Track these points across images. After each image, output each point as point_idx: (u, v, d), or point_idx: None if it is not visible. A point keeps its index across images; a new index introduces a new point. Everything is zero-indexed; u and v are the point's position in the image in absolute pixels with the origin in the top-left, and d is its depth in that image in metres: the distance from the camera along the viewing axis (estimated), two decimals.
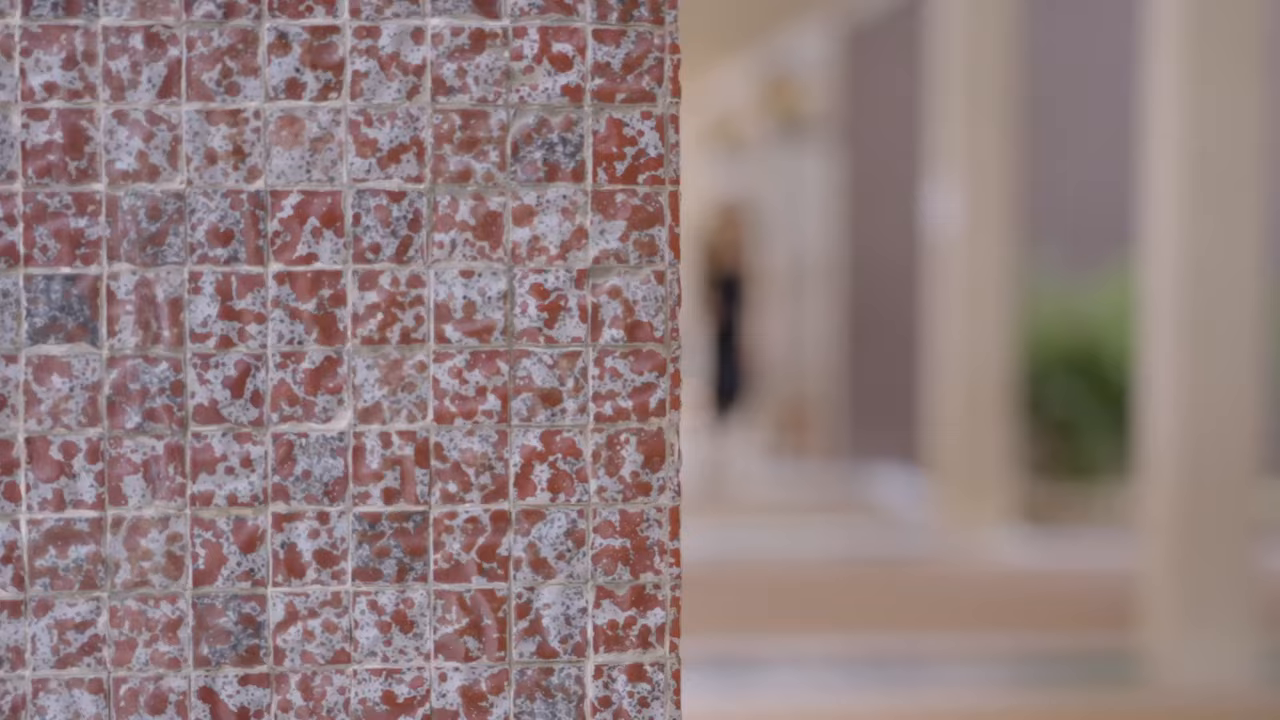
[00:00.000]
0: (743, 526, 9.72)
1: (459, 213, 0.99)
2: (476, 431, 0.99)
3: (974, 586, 8.05)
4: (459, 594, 0.99)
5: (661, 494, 1.00)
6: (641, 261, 0.99)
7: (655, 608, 1.00)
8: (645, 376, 1.00)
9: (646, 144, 1.00)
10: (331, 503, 0.99)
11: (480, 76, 0.99)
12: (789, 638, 6.99)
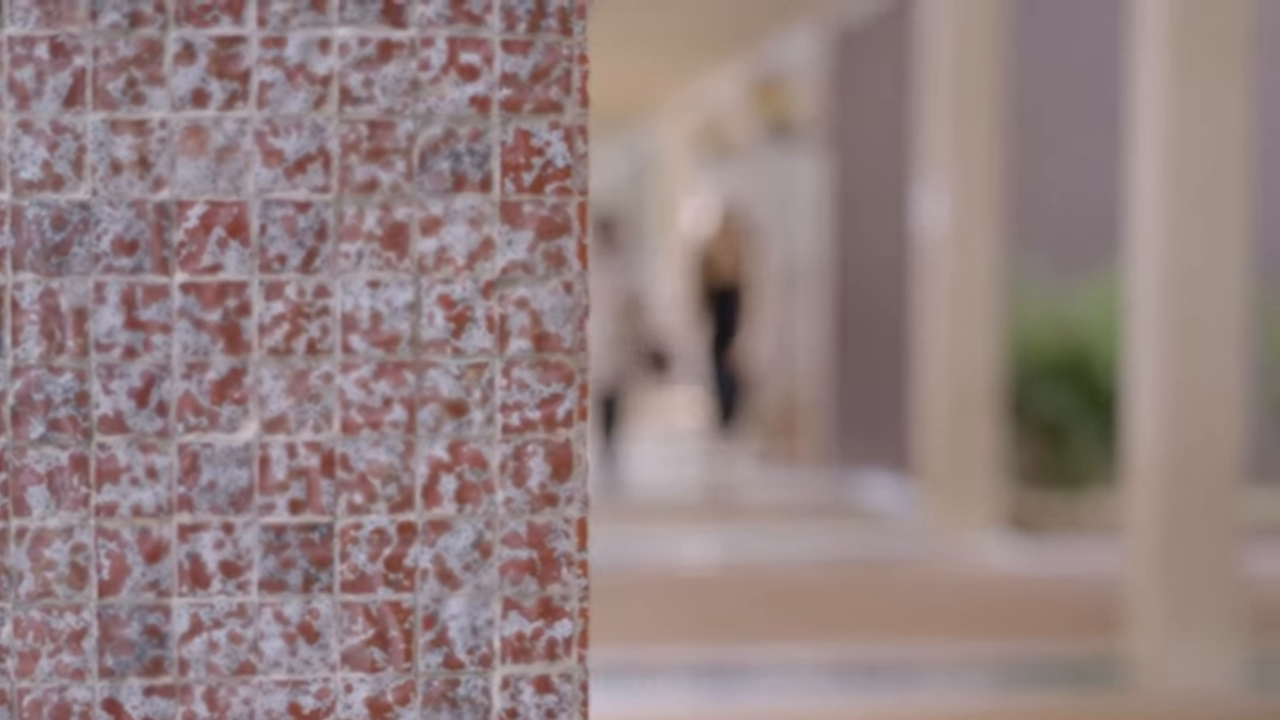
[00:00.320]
0: (731, 533, 9.72)
1: (365, 223, 0.98)
2: (383, 442, 0.99)
3: (960, 592, 8.04)
4: (365, 605, 0.99)
5: (569, 505, 1.00)
6: (549, 272, 0.99)
7: (563, 619, 1.00)
8: (553, 387, 0.99)
9: (554, 154, 0.99)
10: (237, 513, 0.99)
11: (387, 87, 0.98)
12: (777, 643, 6.99)
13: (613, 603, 7.74)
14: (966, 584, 8.14)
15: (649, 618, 7.43)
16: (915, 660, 6.76)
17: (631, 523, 9.85)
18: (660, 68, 14.22)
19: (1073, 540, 9.46)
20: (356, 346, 0.98)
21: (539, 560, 0.99)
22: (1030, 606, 7.66)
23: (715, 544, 9.20)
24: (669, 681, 6.43)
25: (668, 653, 6.80)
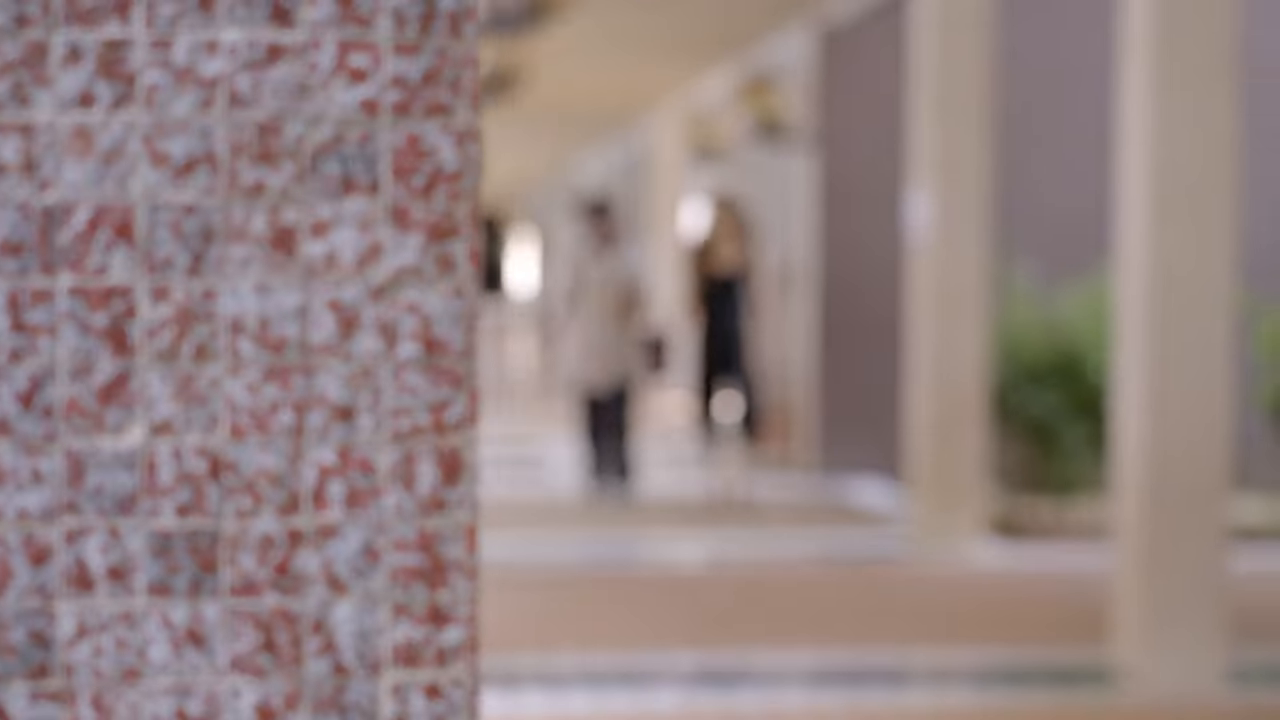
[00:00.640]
0: (720, 536, 9.70)
1: (253, 226, 0.98)
2: (270, 447, 0.98)
3: (948, 595, 8.04)
4: (253, 611, 0.98)
5: (459, 510, 0.99)
6: (439, 276, 0.99)
7: (452, 625, 0.99)
8: (442, 392, 0.99)
9: (444, 158, 0.99)
10: (123, 518, 0.98)
11: (275, 89, 0.98)
12: (764, 644, 6.98)
13: (606, 604, 7.73)
14: (954, 587, 8.13)
15: (640, 619, 7.42)
16: (901, 662, 6.75)
17: (626, 525, 9.84)
18: (653, 67, 14.22)
19: (1061, 544, 9.45)
20: (244, 350, 0.97)
21: (428, 566, 0.99)
22: (1017, 610, 7.65)
23: (704, 547, 9.19)
24: (656, 682, 6.42)
25: (657, 653, 6.80)
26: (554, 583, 8.31)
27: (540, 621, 7.43)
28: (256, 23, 0.97)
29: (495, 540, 9.38)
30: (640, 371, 11.26)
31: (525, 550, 9.14)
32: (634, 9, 11.08)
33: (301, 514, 0.98)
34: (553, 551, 9.12)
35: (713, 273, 11.08)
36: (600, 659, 6.78)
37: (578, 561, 8.87)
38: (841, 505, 10.79)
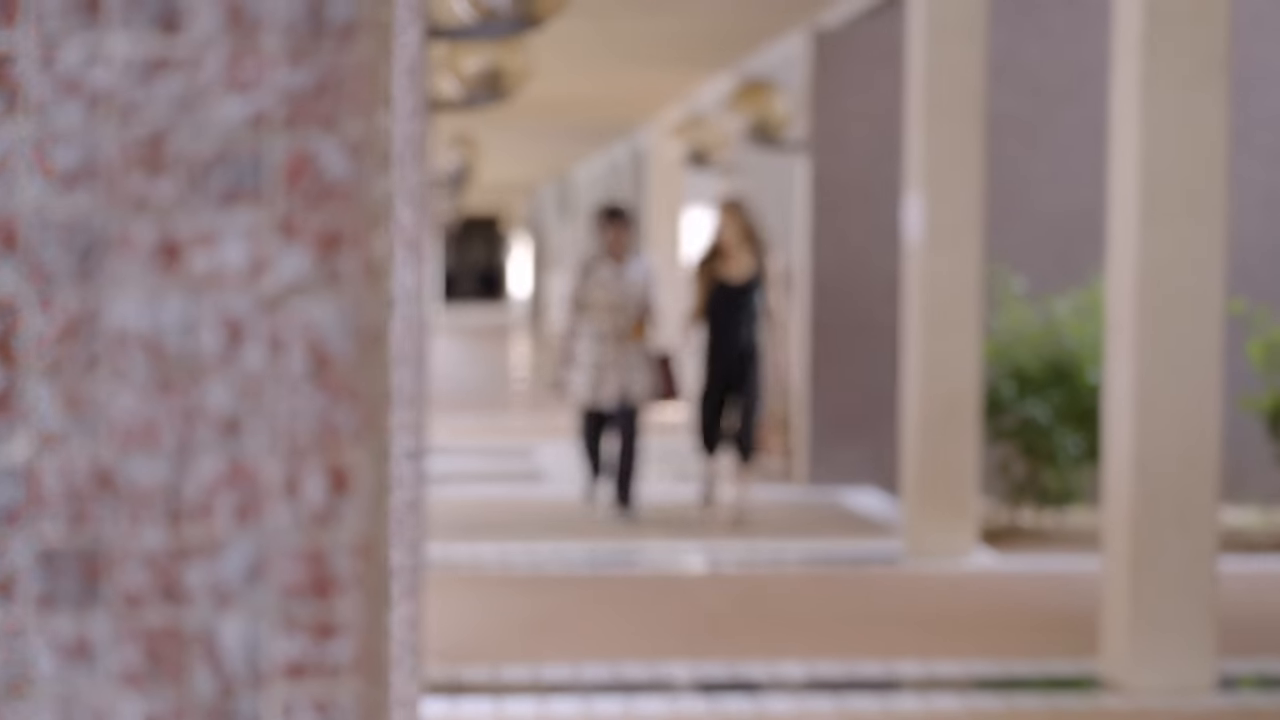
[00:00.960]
0: (710, 545, 9.68)
1: (141, 238, 0.97)
2: (157, 460, 0.97)
3: (939, 603, 8.02)
4: (139, 624, 0.98)
5: (349, 523, 0.99)
6: (330, 288, 0.98)
7: (342, 639, 0.99)
8: (332, 405, 0.98)
9: (335, 169, 0.98)
10: (9, 530, 0.98)
11: (163, 101, 0.97)
12: (756, 651, 6.97)
13: (597, 610, 7.72)
14: (946, 595, 8.12)
15: (631, 625, 7.41)
16: (891, 669, 6.74)
17: (622, 533, 9.82)
18: (650, 72, 14.22)
19: (1054, 552, 9.43)
20: (131, 363, 0.97)
21: (316, 580, 0.98)
22: (1009, 618, 7.64)
23: (695, 555, 9.18)
24: (646, 689, 6.41)
25: (647, 661, 6.79)
26: (545, 588, 8.31)
27: (530, 627, 7.42)
28: (144, 35, 0.97)
29: (488, 545, 9.37)
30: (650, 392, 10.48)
31: (517, 556, 9.13)
32: (631, 15, 11.08)
33: (188, 527, 0.98)
34: (545, 557, 9.11)
35: (724, 279, 10.42)
36: (589, 666, 6.77)
37: (570, 568, 8.86)
38: (834, 513, 10.76)
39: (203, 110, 0.96)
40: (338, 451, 0.97)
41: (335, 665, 0.97)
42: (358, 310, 0.97)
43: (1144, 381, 6.52)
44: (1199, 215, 6.52)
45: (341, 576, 0.98)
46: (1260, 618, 7.78)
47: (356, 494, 0.97)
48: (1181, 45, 6.47)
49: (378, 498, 1.01)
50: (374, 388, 1.00)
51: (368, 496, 0.98)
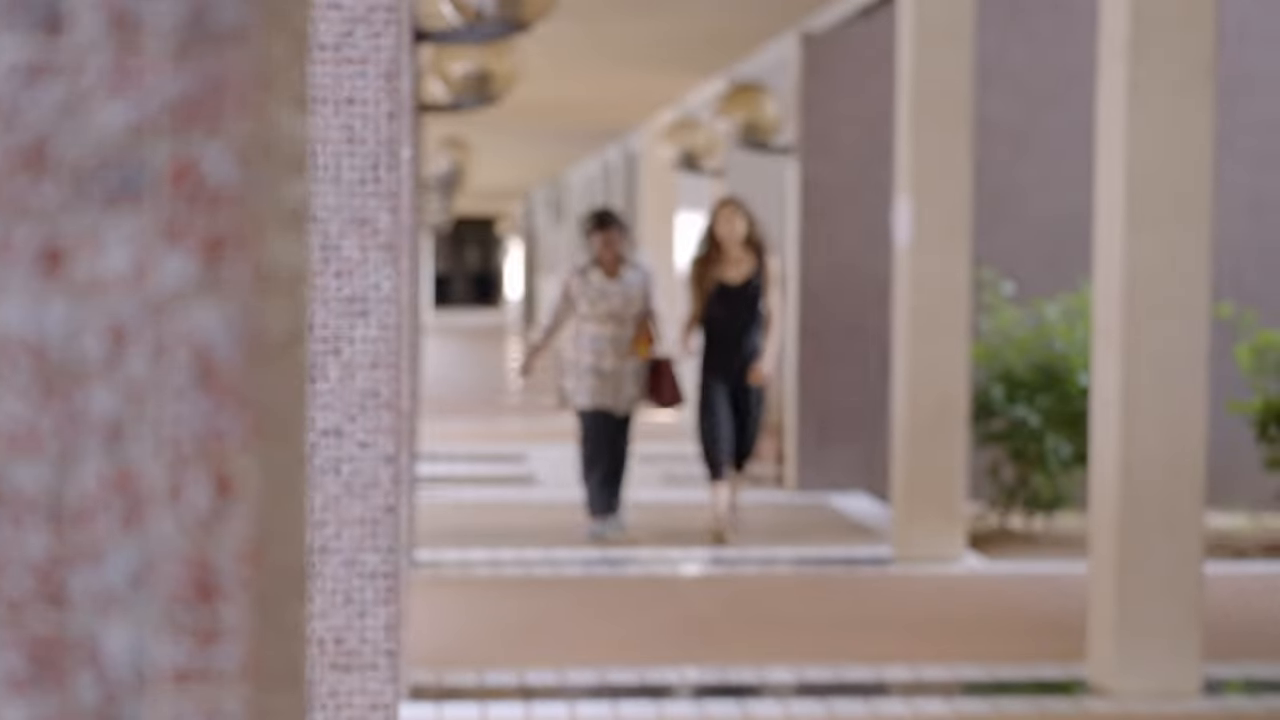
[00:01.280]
0: (698, 553, 9.67)
1: (23, 243, 0.97)
2: (40, 466, 0.97)
3: (928, 608, 8.01)
4: (20, 630, 0.97)
5: (234, 530, 0.98)
6: (216, 294, 0.97)
7: (227, 645, 0.98)
8: (217, 410, 0.97)
9: (221, 173, 0.98)
10: None
11: (44, 105, 0.96)
12: (745, 656, 6.97)
13: (585, 615, 7.71)
14: (934, 599, 8.11)
15: (620, 630, 7.41)
16: (879, 673, 6.74)
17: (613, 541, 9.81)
18: (641, 76, 14.22)
19: (1043, 557, 9.43)
20: (14, 368, 0.96)
21: (202, 586, 0.97)
22: (997, 622, 7.64)
23: (684, 560, 9.17)
24: (633, 693, 6.40)
25: (635, 665, 6.78)
26: (534, 593, 8.30)
27: (518, 632, 7.41)
28: (25, 38, 0.96)
29: (478, 549, 9.37)
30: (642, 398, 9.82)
31: (507, 560, 9.12)
32: (620, 18, 11.08)
33: (71, 533, 0.97)
34: (535, 561, 9.10)
35: (723, 281, 9.81)
36: (576, 670, 6.76)
37: (559, 572, 8.85)
38: (824, 518, 10.76)
39: (85, 115, 0.95)
40: (223, 458, 0.96)
41: (221, 672, 0.97)
42: (246, 316, 0.96)
43: (1130, 385, 6.51)
44: (1185, 220, 6.52)
45: (227, 583, 0.97)
46: (1247, 622, 7.77)
47: (243, 500, 0.97)
48: (1168, 51, 6.46)
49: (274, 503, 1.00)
50: (266, 394, 0.99)
51: (255, 503, 0.98)
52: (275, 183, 1.06)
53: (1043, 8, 11.48)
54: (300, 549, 1.13)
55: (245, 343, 0.98)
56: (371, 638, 3.94)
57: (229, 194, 0.98)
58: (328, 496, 3.92)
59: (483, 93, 8.78)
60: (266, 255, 1.04)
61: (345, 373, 3.89)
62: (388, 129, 3.90)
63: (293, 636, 1.11)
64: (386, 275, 3.90)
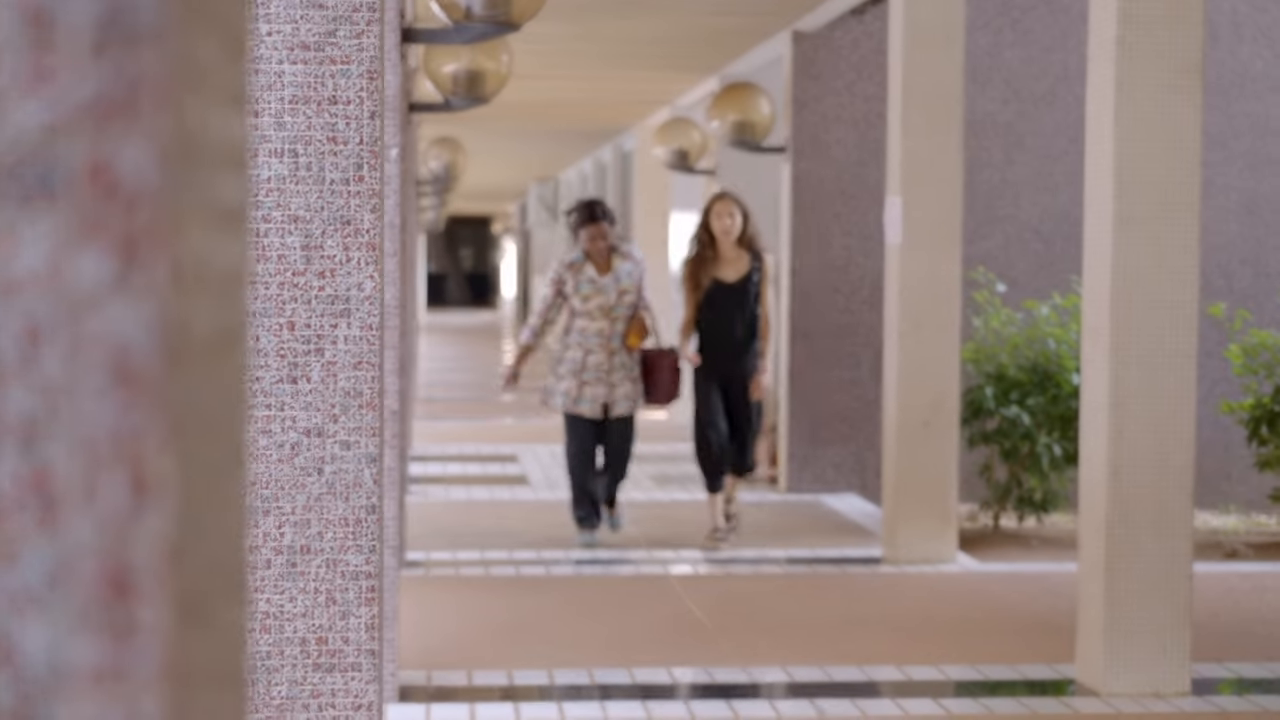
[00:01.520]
0: (690, 553, 9.66)
1: None
2: None
3: (917, 609, 8.00)
4: None
5: (151, 531, 0.97)
6: (132, 294, 0.97)
7: (144, 646, 0.97)
8: (134, 410, 0.97)
9: (136, 172, 0.97)
10: None
11: None
12: (733, 657, 6.96)
13: (577, 617, 7.71)
14: (925, 600, 8.10)
15: (607, 629, 7.40)
16: (868, 674, 6.73)
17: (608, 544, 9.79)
18: (636, 76, 14.21)
19: (1035, 557, 9.42)
20: None
21: (119, 587, 0.97)
22: (987, 623, 7.63)
23: (675, 559, 9.16)
24: (619, 693, 6.39)
25: (621, 665, 6.77)
26: (525, 592, 8.29)
27: (507, 632, 7.40)
28: None
29: (469, 549, 9.36)
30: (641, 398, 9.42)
31: (498, 559, 9.11)
32: (613, 17, 11.07)
33: None
34: (526, 561, 9.10)
35: (718, 280, 9.41)
36: (565, 671, 6.75)
37: (550, 571, 8.84)
38: (816, 518, 10.75)
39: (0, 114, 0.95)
40: (140, 457, 0.96)
41: (139, 672, 0.96)
42: (165, 316, 0.95)
43: (1118, 385, 6.51)
44: (1173, 218, 6.51)
45: (145, 582, 0.97)
46: (1238, 622, 7.77)
47: (161, 500, 0.96)
48: (1155, 49, 6.46)
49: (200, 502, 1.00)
50: (191, 393, 0.98)
51: (176, 502, 0.97)
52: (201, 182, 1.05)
53: (1036, 8, 11.47)
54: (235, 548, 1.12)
55: (165, 342, 0.97)
56: (354, 638, 3.93)
57: (146, 193, 0.97)
58: (310, 496, 3.92)
59: (474, 92, 8.77)
60: (191, 254, 1.03)
61: (327, 372, 3.89)
62: (370, 129, 3.89)
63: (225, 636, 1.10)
64: (369, 275, 3.90)
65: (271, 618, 3.76)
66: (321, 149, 3.73)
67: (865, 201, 11.38)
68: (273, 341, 3.70)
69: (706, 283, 9.40)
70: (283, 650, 3.74)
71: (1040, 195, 11.52)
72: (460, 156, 15.40)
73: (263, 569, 3.74)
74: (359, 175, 3.79)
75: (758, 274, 9.45)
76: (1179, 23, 6.47)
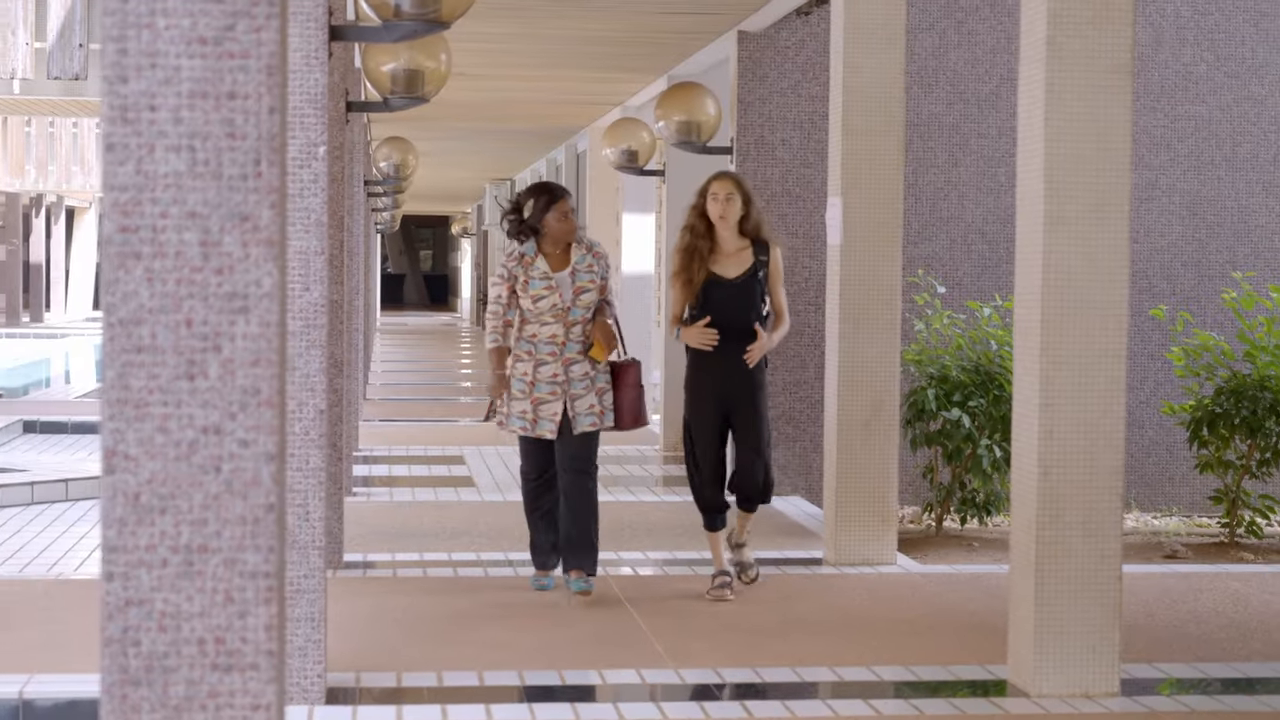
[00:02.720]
0: (623, 553, 9.62)
1: None
2: None
3: (855, 611, 7.98)
4: None
5: None
6: None
7: None
8: None
9: None
10: None
11: None
12: (664, 660, 6.93)
13: (509, 620, 7.66)
14: (863, 602, 8.08)
15: (544, 635, 7.36)
16: (800, 675, 6.71)
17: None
18: (588, 77, 14.18)
19: (977, 560, 9.41)
20: None
21: None
22: (924, 624, 7.61)
23: (616, 562, 9.12)
24: (556, 697, 6.36)
25: (559, 668, 6.73)
26: (460, 594, 8.24)
27: (438, 634, 7.36)
28: None
29: (409, 551, 9.31)
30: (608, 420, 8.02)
31: (437, 561, 9.07)
32: (557, 17, 11.03)
33: None
34: (464, 563, 9.06)
35: (715, 275, 7.87)
36: (493, 673, 6.71)
37: (487, 573, 8.80)
38: (758, 519, 10.72)
39: None
40: None
41: None
42: None
43: (1049, 385, 6.50)
44: (1103, 219, 6.51)
45: None
46: (1171, 623, 7.78)
47: None
48: (1085, 50, 6.45)
49: None
50: None
51: None
52: None
53: (980, 10, 11.48)
54: None
55: None
56: (253, 638, 3.90)
57: None
58: (207, 495, 3.89)
59: (413, 91, 8.72)
60: None
61: (225, 370, 3.86)
62: (270, 124, 3.85)
63: None
64: (268, 272, 3.87)
65: (169, 617, 3.71)
66: (219, 144, 3.68)
67: (811, 202, 11.37)
68: (170, 338, 3.65)
69: (700, 279, 7.84)
70: (179, 650, 3.69)
71: (984, 197, 11.53)
72: (411, 156, 15.34)
73: (159, 568, 3.69)
74: (258, 171, 3.75)
75: (763, 270, 7.93)
76: (1108, 23, 6.46)
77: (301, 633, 6.36)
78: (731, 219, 7.96)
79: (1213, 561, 9.48)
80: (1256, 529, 9.93)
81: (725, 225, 7.96)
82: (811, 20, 11.27)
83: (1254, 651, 7.22)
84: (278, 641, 3.97)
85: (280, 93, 3.95)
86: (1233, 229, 11.61)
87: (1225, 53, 11.58)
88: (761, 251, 7.97)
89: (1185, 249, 11.53)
